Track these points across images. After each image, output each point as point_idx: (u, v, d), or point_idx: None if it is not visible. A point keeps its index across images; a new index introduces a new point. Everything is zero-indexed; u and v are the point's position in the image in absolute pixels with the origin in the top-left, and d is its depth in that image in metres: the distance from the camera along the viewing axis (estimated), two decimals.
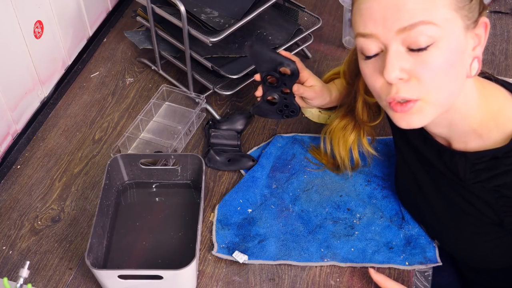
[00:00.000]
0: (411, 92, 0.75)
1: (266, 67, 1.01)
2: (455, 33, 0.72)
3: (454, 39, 0.72)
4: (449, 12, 0.71)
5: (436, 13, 0.70)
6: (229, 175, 1.14)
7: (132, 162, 1.08)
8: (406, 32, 0.71)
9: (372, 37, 0.74)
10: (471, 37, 0.75)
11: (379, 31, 0.73)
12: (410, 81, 0.74)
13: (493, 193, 0.83)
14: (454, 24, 0.72)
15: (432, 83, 0.74)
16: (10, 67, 1.13)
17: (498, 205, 0.83)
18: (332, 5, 1.54)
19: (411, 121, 0.77)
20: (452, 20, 0.72)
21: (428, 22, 0.70)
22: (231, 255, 0.99)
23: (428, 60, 0.72)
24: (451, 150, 0.86)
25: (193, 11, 1.16)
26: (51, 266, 1.00)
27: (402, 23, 0.71)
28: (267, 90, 1.05)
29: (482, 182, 0.83)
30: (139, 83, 1.34)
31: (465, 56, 0.75)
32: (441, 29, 0.71)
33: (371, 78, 0.79)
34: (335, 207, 1.06)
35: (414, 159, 0.96)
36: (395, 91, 0.75)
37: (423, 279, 0.98)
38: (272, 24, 1.28)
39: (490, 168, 0.82)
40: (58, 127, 1.24)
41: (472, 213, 0.88)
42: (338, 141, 1.07)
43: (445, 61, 0.73)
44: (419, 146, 0.92)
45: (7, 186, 1.12)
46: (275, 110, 1.07)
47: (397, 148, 1.02)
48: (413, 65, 0.73)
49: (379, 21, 0.72)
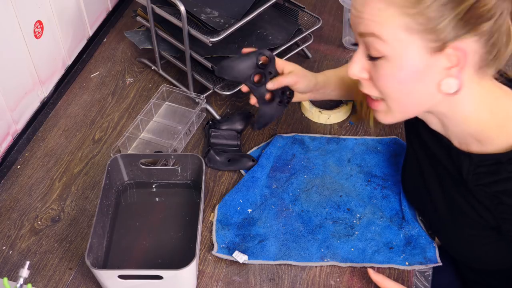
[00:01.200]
0: (371, 91, 0.82)
1: (247, 71, 1.01)
2: (407, 53, 0.74)
3: (405, 58, 0.74)
4: (401, 33, 0.72)
5: (386, 30, 0.73)
6: (229, 175, 1.14)
7: (132, 162, 1.08)
8: (362, 38, 0.77)
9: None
10: (444, 57, 0.73)
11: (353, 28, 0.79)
12: (370, 82, 0.80)
13: (492, 199, 0.83)
14: (407, 45, 0.73)
15: (384, 91, 0.80)
16: (10, 67, 1.13)
17: (497, 211, 0.83)
18: (332, 5, 1.54)
19: (379, 117, 0.85)
20: (404, 41, 0.73)
21: (377, 36, 0.74)
22: (231, 255, 0.99)
23: (377, 69, 0.78)
24: (456, 148, 0.86)
25: (193, 11, 1.16)
26: (51, 266, 1.00)
27: (359, 29, 0.76)
28: (259, 92, 1.03)
29: (483, 186, 0.83)
30: (139, 83, 1.34)
31: (426, 76, 0.75)
32: (389, 46, 0.74)
33: None
34: (335, 207, 1.06)
35: (423, 154, 0.96)
36: (360, 86, 0.83)
37: (423, 279, 0.98)
38: (272, 24, 1.28)
39: (491, 172, 0.81)
40: (58, 127, 1.24)
41: (471, 215, 0.88)
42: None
43: (393, 77, 0.77)
44: (429, 142, 0.92)
45: (7, 186, 1.12)
46: (276, 105, 1.06)
47: (408, 141, 1.02)
48: (370, 68, 0.79)
49: (352, 22, 0.79)
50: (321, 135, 1.20)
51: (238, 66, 1.01)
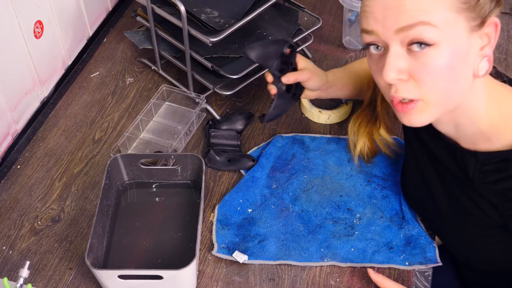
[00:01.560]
0: (410, 93, 0.75)
1: (274, 57, 0.99)
2: (456, 36, 0.72)
3: (454, 41, 0.72)
4: (450, 14, 0.70)
5: (436, 14, 0.70)
6: (229, 175, 1.14)
7: (132, 162, 1.08)
8: (404, 32, 0.71)
9: (373, 34, 0.75)
10: (478, 36, 0.74)
11: (379, 29, 0.74)
12: (409, 82, 0.75)
13: (500, 196, 0.83)
14: (455, 26, 0.71)
15: (431, 85, 0.74)
16: (10, 67, 1.13)
17: (504, 208, 0.83)
18: (332, 5, 1.54)
19: (412, 120, 0.79)
20: (453, 22, 0.71)
21: (426, 23, 0.70)
22: (231, 255, 0.99)
23: (427, 62, 0.72)
24: (462, 148, 0.86)
25: (193, 11, 1.16)
26: (51, 266, 1.00)
27: (401, 23, 0.71)
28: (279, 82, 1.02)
29: (490, 184, 0.83)
30: (139, 83, 1.34)
31: (469, 58, 0.74)
32: (441, 31, 0.70)
33: (375, 76, 0.80)
34: (335, 207, 1.06)
35: (424, 155, 0.95)
36: (394, 90, 0.76)
37: (423, 279, 0.98)
38: (272, 24, 1.28)
39: (499, 170, 0.81)
40: (58, 127, 1.24)
41: (476, 214, 0.88)
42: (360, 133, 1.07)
43: (444, 64, 0.72)
44: (429, 143, 0.92)
45: (7, 186, 1.12)
46: (290, 99, 1.05)
47: (407, 143, 1.01)
48: (412, 66, 0.73)
49: (379, 20, 0.73)
50: (321, 135, 1.20)
51: (268, 49, 0.99)
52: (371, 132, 1.06)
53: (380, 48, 0.76)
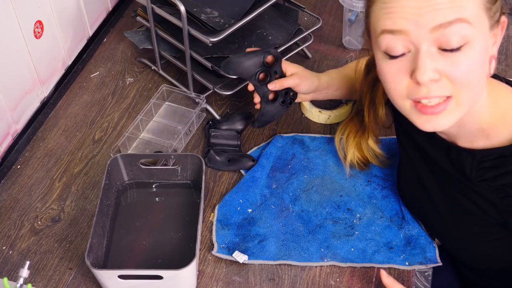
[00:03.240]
0: (443, 90, 0.73)
1: (253, 69, 1.01)
2: (483, 33, 0.72)
3: (483, 38, 0.72)
4: (479, 12, 0.71)
5: (470, 11, 0.69)
6: (229, 175, 1.14)
7: (132, 162, 1.08)
8: (440, 30, 0.69)
9: (402, 34, 0.71)
10: (493, 33, 0.75)
11: (410, 28, 0.70)
12: (441, 81, 0.73)
13: (498, 193, 0.83)
14: (483, 24, 0.71)
15: (463, 83, 0.72)
16: (10, 67, 1.13)
17: (503, 205, 0.83)
18: (332, 5, 1.54)
19: (438, 123, 0.76)
20: (481, 19, 0.71)
21: (463, 20, 0.69)
22: (231, 255, 0.99)
23: (461, 61, 0.71)
24: (458, 147, 0.86)
25: (193, 11, 1.16)
26: (51, 266, 1.00)
27: (438, 20, 0.68)
28: (263, 91, 1.05)
29: (488, 181, 0.83)
30: (139, 83, 1.34)
31: (488, 56, 0.75)
32: (474, 29, 0.70)
33: (394, 79, 0.76)
34: (335, 207, 1.06)
35: (419, 157, 0.95)
36: (426, 91, 0.73)
37: (423, 279, 0.98)
38: (272, 24, 1.28)
39: (496, 166, 0.82)
40: (58, 127, 1.24)
41: (475, 213, 0.88)
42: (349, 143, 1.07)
43: (476, 61, 0.72)
44: (424, 145, 0.92)
45: (7, 186, 1.12)
46: (279, 105, 1.07)
47: (401, 147, 1.01)
48: (445, 66, 0.71)
49: (411, 18, 0.69)
50: (321, 135, 1.20)
51: (244, 62, 1.01)
52: (359, 143, 1.06)
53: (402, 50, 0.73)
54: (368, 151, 1.07)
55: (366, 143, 1.06)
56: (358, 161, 1.08)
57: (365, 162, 1.10)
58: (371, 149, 1.07)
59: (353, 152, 1.07)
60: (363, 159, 1.09)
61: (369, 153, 1.07)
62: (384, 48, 0.74)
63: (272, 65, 1.03)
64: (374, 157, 1.08)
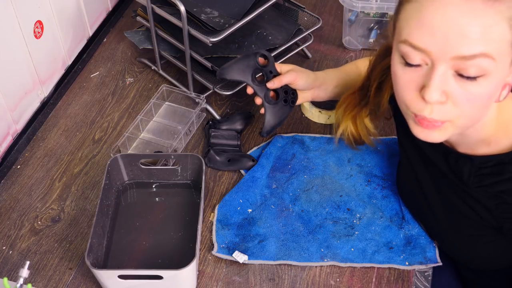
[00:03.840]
0: (444, 115, 0.73)
1: (248, 71, 1.02)
2: (503, 67, 0.70)
3: (502, 72, 0.70)
4: (506, 47, 0.68)
5: (496, 46, 0.67)
6: (229, 175, 1.14)
7: (132, 162, 1.08)
8: (462, 61, 0.68)
9: (423, 52, 0.70)
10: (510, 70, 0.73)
11: (434, 49, 0.69)
12: (446, 104, 0.72)
13: (494, 199, 0.83)
14: (506, 59, 0.69)
15: (467, 110, 0.72)
16: (10, 67, 1.13)
17: (498, 211, 0.83)
18: (332, 5, 1.54)
19: (431, 136, 0.76)
20: (505, 54, 0.69)
21: (488, 55, 0.67)
22: (231, 255, 0.99)
23: (473, 90, 0.70)
24: (457, 152, 0.86)
25: (193, 11, 1.16)
26: (51, 266, 1.00)
27: (463, 51, 0.67)
28: (263, 91, 1.05)
29: (486, 187, 0.83)
30: (139, 83, 1.34)
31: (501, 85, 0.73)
32: (496, 63, 0.68)
33: (404, 88, 0.75)
34: (335, 207, 1.06)
35: (418, 159, 0.95)
36: (429, 111, 0.73)
37: (423, 279, 0.98)
38: (272, 24, 1.28)
39: (494, 173, 0.81)
40: (58, 127, 1.24)
41: (471, 216, 0.88)
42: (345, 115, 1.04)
43: (488, 94, 0.71)
44: (424, 147, 0.92)
45: (7, 186, 1.12)
46: (282, 105, 1.06)
47: (401, 147, 1.01)
48: (456, 90, 0.70)
49: (438, 40, 0.68)
50: (321, 135, 1.20)
51: (238, 66, 1.03)
52: (355, 117, 1.03)
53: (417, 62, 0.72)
54: (362, 128, 1.04)
55: (362, 120, 1.03)
56: (349, 134, 1.05)
57: (357, 139, 1.06)
58: (365, 126, 1.04)
59: (347, 124, 1.04)
60: (356, 135, 1.05)
61: (363, 130, 1.04)
62: (402, 54, 0.73)
63: (265, 66, 1.04)
64: (366, 135, 1.05)
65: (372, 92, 0.98)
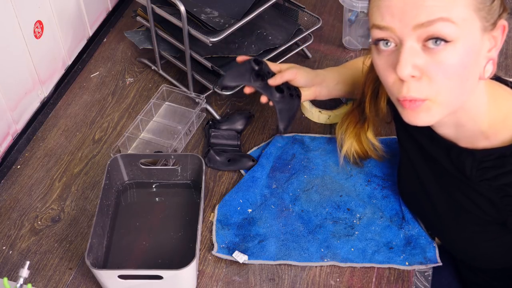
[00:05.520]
0: (421, 92, 0.75)
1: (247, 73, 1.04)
2: (472, 34, 0.72)
3: (470, 40, 0.72)
4: (468, 12, 0.71)
5: (455, 11, 0.70)
6: (229, 175, 1.14)
7: (132, 162, 1.08)
8: (423, 29, 0.71)
9: (388, 30, 0.74)
10: (487, 39, 0.75)
11: (396, 25, 0.72)
12: (422, 80, 0.74)
13: (498, 192, 0.83)
14: (471, 25, 0.72)
15: (443, 83, 0.74)
16: (10, 67, 1.13)
17: (503, 204, 0.83)
18: (332, 5, 1.54)
19: (419, 119, 0.78)
20: (470, 20, 0.71)
21: (446, 19, 0.70)
22: (231, 255, 0.99)
23: (442, 60, 0.72)
24: (458, 147, 0.86)
25: (193, 11, 1.16)
26: (51, 266, 1.00)
27: (420, 19, 0.70)
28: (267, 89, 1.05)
29: (489, 180, 0.83)
30: (139, 83, 1.34)
31: (479, 58, 0.75)
32: (459, 28, 0.70)
33: (384, 73, 0.78)
34: (335, 207, 1.06)
35: (419, 156, 0.95)
36: (406, 90, 0.75)
37: (423, 279, 0.98)
38: (272, 24, 1.28)
39: (497, 166, 0.82)
40: (58, 127, 1.24)
41: (474, 212, 0.88)
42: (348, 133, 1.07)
43: (459, 62, 0.72)
44: (424, 144, 0.92)
45: (7, 186, 1.12)
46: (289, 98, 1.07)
47: (401, 145, 1.01)
48: (427, 63, 0.73)
49: (396, 15, 0.72)
50: (321, 135, 1.20)
51: (236, 71, 1.04)
52: (358, 134, 1.06)
53: (390, 44, 0.75)
54: (367, 143, 1.07)
55: (365, 135, 1.05)
56: (354, 153, 1.08)
57: (362, 155, 1.09)
58: (370, 141, 1.06)
59: (351, 142, 1.07)
60: (361, 152, 1.08)
61: (368, 145, 1.07)
62: (373, 40, 0.77)
63: (261, 68, 1.05)
64: (373, 149, 1.08)
65: (368, 101, 1.00)
